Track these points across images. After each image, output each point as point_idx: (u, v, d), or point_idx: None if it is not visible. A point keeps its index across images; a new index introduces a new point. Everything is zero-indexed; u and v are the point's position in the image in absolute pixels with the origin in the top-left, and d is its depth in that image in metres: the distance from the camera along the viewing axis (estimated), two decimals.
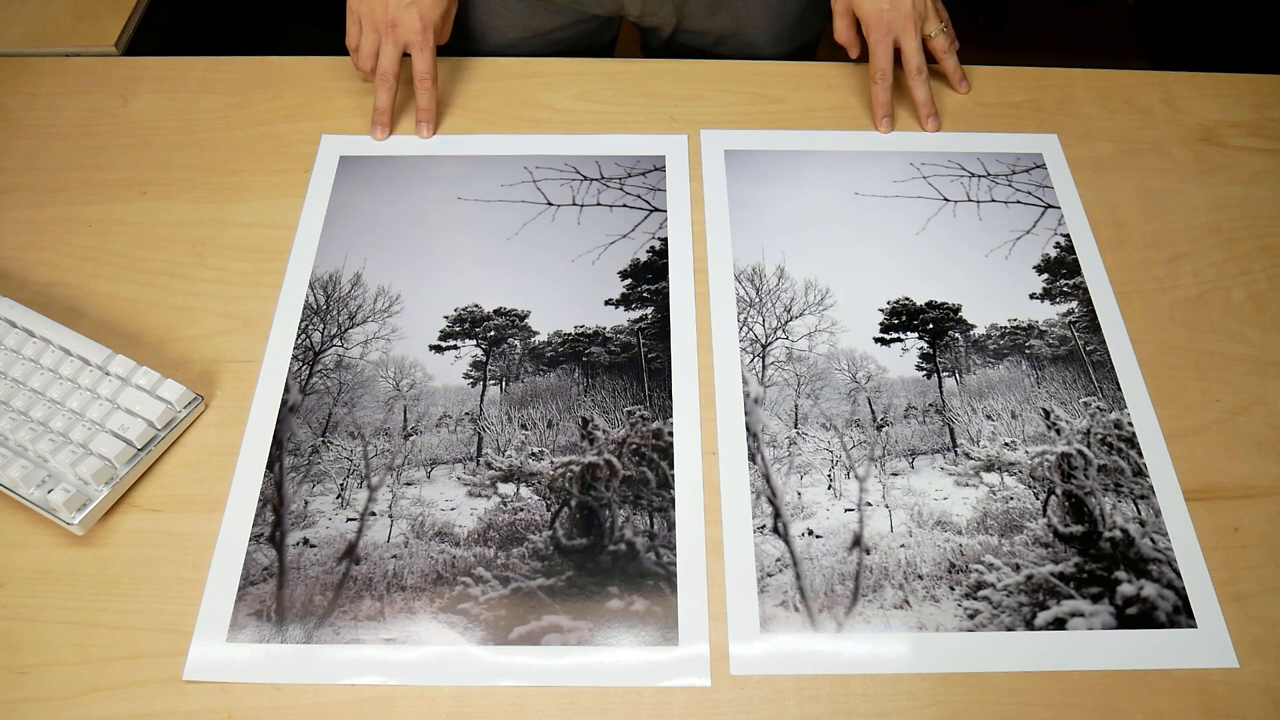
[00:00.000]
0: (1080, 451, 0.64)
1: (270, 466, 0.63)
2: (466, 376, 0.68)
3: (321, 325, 0.70)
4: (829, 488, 0.63)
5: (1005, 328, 0.71)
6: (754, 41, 0.95)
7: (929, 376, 0.68)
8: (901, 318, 0.71)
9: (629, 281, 0.73)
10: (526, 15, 0.94)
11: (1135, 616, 0.58)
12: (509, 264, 0.74)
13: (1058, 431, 0.65)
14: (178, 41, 1.01)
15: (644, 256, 0.74)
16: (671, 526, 0.61)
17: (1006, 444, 0.65)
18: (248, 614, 0.57)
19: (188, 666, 0.55)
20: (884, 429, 0.66)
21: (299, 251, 0.74)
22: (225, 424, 0.65)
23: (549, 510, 0.62)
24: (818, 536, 0.61)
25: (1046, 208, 0.78)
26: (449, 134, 0.82)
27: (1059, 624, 0.57)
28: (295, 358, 0.68)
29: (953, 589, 0.58)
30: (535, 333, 0.70)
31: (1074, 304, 0.72)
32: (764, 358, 0.69)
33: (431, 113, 0.80)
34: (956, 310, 0.72)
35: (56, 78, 0.86)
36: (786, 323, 0.71)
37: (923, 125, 0.82)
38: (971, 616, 0.57)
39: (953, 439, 0.65)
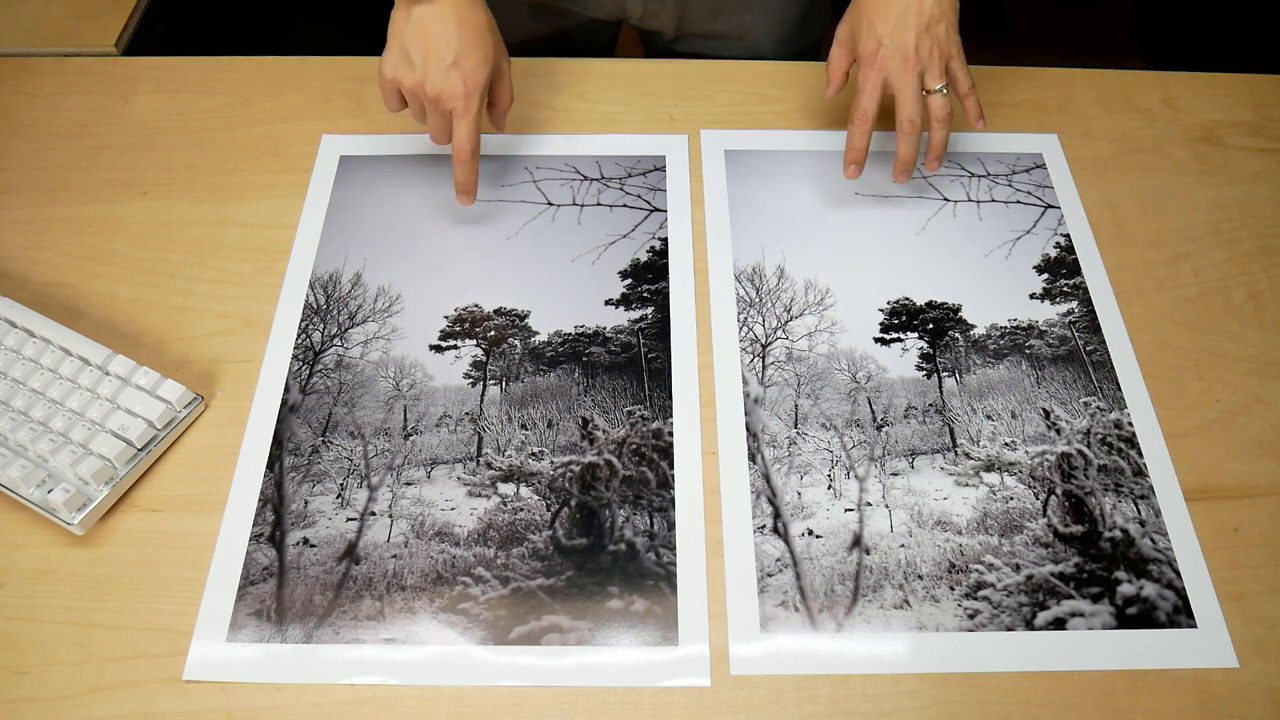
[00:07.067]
0: (1080, 451, 0.64)
1: (270, 466, 0.63)
2: (466, 376, 0.68)
3: (321, 325, 0.70)
4: (829, 488, 0.63)
5: (1005, 328, 0.71)
6: (757, 45, 0.95)
7: (929, 376, 0.68)
8: (901, 318, 0.71)
9: (629, 281, 0.73)
10: (529, 19, 0.94)
11: (1135, 616, 0.58)
12: (509, 264, 0.74)
13: (1058, 431, 0.65)
14: (178, 41, 1.01)
15: (644, 256, 0.74)
16: (671, 526, 0.61)
17: (1006, 444, 0.65)
18: (248, 614, 0.57)
19: (188, 666, 0.55)
20: (884, 429, 0.66)
21: (299, 251, 0.74)
22: (225, 424, 0.65)
23: (549, 510, 0.62)
24: (818, 536, 0.60)
25: (1046, 208, 0.78)
26: None
27: (1059, 624, 0.57)
28: (295, 358, 0.68)
29: (953, 589, 0.58)
30: (535, 333, 0.70)
31: (1074, 304, 0.72)
32: (764, 358, 0.69)
33: (472, 184, 0.72)
34: (956, 310, 0.72)
35: (56, 78, 0.86)
36: (786, 323, 0.71)
37: (895, 178, 0.74)
38: (971, 616, 0.57)
39: (953, 439, 0.65)
